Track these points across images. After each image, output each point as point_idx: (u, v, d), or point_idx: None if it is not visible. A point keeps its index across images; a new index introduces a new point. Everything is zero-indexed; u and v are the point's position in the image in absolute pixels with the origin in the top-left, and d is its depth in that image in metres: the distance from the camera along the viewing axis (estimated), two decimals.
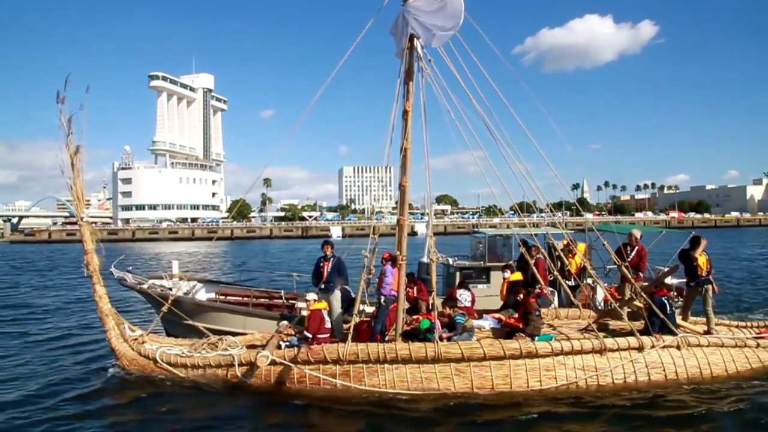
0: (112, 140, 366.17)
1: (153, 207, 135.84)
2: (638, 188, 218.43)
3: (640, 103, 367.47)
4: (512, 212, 39.98)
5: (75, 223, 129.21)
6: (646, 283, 11.62)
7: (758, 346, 10.45)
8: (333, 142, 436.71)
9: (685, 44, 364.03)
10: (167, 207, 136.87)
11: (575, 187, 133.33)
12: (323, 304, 10.19)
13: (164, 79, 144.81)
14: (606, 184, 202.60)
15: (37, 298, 23.19)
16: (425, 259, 14.30)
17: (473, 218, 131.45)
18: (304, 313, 10.67)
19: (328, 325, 9.90)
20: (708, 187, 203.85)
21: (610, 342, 9.66)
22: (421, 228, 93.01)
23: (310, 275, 11.36)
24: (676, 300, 13.00)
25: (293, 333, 10.45)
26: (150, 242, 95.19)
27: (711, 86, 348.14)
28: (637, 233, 12.19)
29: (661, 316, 10.03)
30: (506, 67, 11.49)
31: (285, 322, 11.17)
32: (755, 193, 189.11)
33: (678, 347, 9.88)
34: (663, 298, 10.32)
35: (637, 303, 10.94)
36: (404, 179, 10.29)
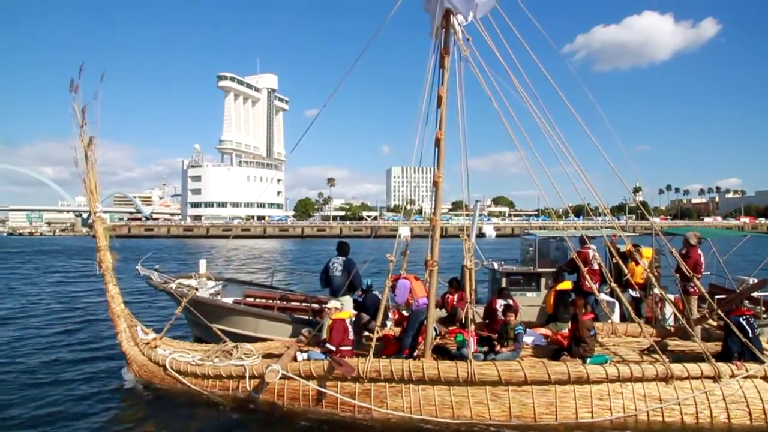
0: (161, 137, 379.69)
1: (222, 204, 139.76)
2: (702, 192, 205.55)
3: (689, 105, 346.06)
4: (572, 216, 37.87)
5: (139, 219, 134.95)
6: (724, 297, 9.90)
7: None
8: (375, 142, 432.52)
9: (745, 44, 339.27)
10: (235, 205, 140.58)
11: (637, 190, 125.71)
12: (347, 314, 9.38)
13: (232, 79, 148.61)
14: (668, 187, 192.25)
15: None
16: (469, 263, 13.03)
17: (538, 220, 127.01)
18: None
19: (351, 336, 8.97)
20: None
21: (678, 368, 8.12)
22: (489, 229, 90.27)
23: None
24: (765, 317, 11.13)
25: (314, 344, 9.55)
26: (222, 239, 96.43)
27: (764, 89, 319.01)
28: (693, 238, 10.48)
29: (743, 339, 8.36)
30: (554, 57, 10.00)
31: (308, 329, 10.26)
32: None
33: (765, 378, 8.19)
34: (741, 318, 8.61)
35: (711, 322, 9.29)
36: (438, 173, 9.09)
